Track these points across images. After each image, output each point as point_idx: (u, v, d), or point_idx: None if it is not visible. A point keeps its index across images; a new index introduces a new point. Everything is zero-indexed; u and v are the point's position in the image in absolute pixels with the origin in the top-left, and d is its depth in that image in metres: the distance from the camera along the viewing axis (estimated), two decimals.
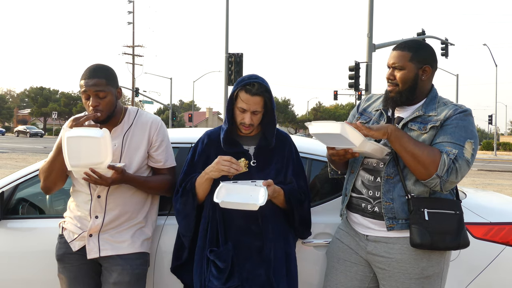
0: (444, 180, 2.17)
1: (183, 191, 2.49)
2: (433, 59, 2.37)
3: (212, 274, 2.38)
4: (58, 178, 2.57)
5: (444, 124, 2.26)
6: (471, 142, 2.22)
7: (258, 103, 2.44)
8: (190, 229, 2.51)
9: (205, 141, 2.60)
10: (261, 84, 2.43)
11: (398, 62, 2.32)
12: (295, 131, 72.78)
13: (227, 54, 19.75)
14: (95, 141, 2.31)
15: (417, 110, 2.34)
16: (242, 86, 2.43)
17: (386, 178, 2.32)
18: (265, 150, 2.54)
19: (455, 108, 2.30)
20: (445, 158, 2.16)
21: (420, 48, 2.35)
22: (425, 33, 21.44)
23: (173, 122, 41.58)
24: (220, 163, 2.35)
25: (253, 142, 2.56)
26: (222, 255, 2.39)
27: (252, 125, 2.48)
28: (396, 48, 2.37)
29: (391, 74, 2.35)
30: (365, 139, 2.17)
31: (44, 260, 2.75)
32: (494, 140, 42.16)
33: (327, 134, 2.18)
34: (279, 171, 2.53)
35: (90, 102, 2.47)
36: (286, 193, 2.45)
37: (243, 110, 2.45)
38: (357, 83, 19.07)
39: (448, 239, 2.21)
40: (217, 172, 2.37)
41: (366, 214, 2.38)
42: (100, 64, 2.56)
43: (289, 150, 2.60)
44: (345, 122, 2.16)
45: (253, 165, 2.50)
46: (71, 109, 64.75)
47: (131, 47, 50.73)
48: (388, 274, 2.31)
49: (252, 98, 2.42)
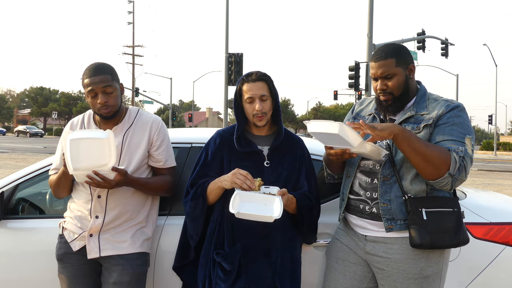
0: (455, 179, 2.16)
1: (194, 195, 2.46)
2: (411, 56, 2.38)
3: (219, 277, 2.36)
4: (69, 187, 2.62)
5: (440, 122, 2.26)
6: (470, 138, 2.23)
7: (262, 87, 2.46)
8: (198, 231, 2.50)
9: (217, 141, 2.57)
10: (258, 72, 2.50)
11: (387, 71, 2.30)
12: (295, 131, 72.75)
13: (227, 54, 19.74)
14: (100, 143, 2.30)
15: (409, 110, 2.34)
16: (242, 80, 2.50)
17: (382, 180, 2.32)
18: (278, 151, 2.53)
19: (447, 104, 2.30)
20: (455, 156, 2.15)
21: (400, 50, 2.34)
22: (425, 33, 21.43)
23: (173, 122, 41.57)
24: (235, 175, 2.33)
25: (267, 142, 2.55)
26: (229, 257, 2.37)
27: (265, 114, 2.47)
28: (377, 59, 2.32)
29: (384, 85, 2.32)
30: (363, 140, 2.16)
31: (44, 260, 2.75)
32: (494, 140, 42.15)
33: (325, 134, 2.18)
34: (291, 172, 2.52)
35: (99, 100, 2.48)
36: (298, 201, 2.44)
37: (251, 100, 2.46)
38: (357, 83, 19.08)
39: (447, 237, 2.21)
40: (229, 183, 2.35)
41: (364, 215, 2.38)
42: (101, 62, 2.57)
43: (302, 154, 2.59)
44: (343, 122, 2.16)
45: (267, 165, 2.49)
46: (71, 109, 64.75)
47: (131, 47, 50.74)
48: (386, 274, 2.31)
49: (255, 84, 2.46)
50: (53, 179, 2.59)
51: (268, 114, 2.50)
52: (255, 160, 2.49)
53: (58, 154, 2.60)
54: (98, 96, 2.48)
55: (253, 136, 2.56)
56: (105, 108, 2.49)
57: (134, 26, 50.35)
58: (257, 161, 2.49)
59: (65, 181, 2.54)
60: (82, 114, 2.72)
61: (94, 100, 2.50)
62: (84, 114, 2.70)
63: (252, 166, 2.46)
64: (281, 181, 2.47)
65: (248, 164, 2.46)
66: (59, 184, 2.56)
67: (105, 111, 2.50)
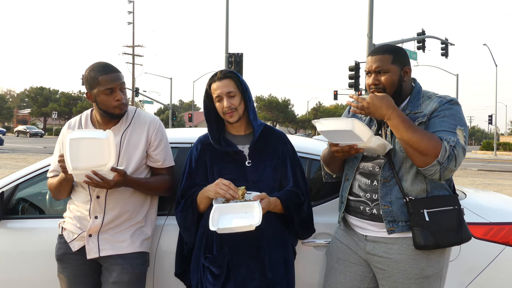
0: (444, 167, 2.15)
1: (184, 206, 2.48)
2: (409, 59, 2.39)
3: (209, 281, 2.37)
4: (69, 190, 2.62)
5: (432, 116, 2.26)
6: (461, 129, 2.22)
7: (228, 84, 2.49)
8: (191, 239, 2.51)
9: (199, 147, 2.58)
10: (223, 70, 2.53)
11: (381, 66, 2.30)
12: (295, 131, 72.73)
13: (227, 54, 19.74)
14: (99, 143, 2.30)
15: (403, 109, 2.34)
16: (209, 80, 2.55)
17: (382, 182, 2.31)
18: (259, 149, 2.53)
19: (440, 100, 2.30)
20: (446, 145, 2.14)
21: (398, 50, 2.35)
22: (425, 33, 21.42)
23: (173, 122, 41.57)
24: (218, 185, 2.34)
25: (247, 142, 2.55)
26: (216, 260, 2.37)
27: (235, 109, 2.48)
28: (374, 53, 2.34)
29: (376, 79, 2.32)
30: (372, 134, 2.18)
31: (44, 260, 2.75)
32: (494, 140, 42.14)
33: (336, 131, 2.19)
34: (275, 168, 2.52)
35: (117, 97, 2.49)
36: (283, 201, 2.43)
37: (219, 98, 2.49)
38: (357, 83, 19.08)
39: (450, 235, 2.22)
40: (213, 193, 2.36)
41: (364, 216, 2.37)
42: (106, 61, 2.58)
43: (284, 148, 2.58)
44: (354, 118, 2.17)
45: (248, 165, 2.49)
46: (71, 109, 64.72)
47: (131, 47, 50.74)
48: (387, 274, 2.31)
49: (221, 82, 2.49)
50: (53, 182, 2.59)
51: (239, 110, 2.50)
52: (236, 161, 2.50)
53: (56, 156, 2.60)
54: (115, 93, 2.49)
55: (232, 137, 2.57)
56: (122, 105, 2.51)
57: (134, 26, 50.37)
58: (238, 161, 2.49)
59: (66, 185, 2.55)
60: (79, 115, 2.71)
61: (110, 97, 2.49)
62: (81, 115, 2.70)
63: (234, 167, 2.47)
64: (265, 179, 2.47)
65: (230, 166, 2.48)
66: (59, 188, 2.57)
67: (122, 108, 2.52)
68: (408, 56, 2.41)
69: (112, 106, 2.50)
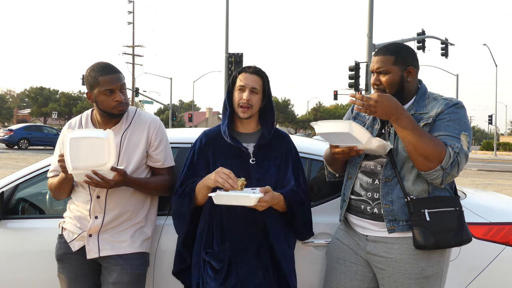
0: (447, 173, 2.15)
1: (181, 194, 2.48)
2: (415, 59, 2.38)
3: (209, 276, 2.37)
4: (70, 190, 2.62)
5: (437, 119, 2.26)
6: (466, 135, 2.22)
7: (256, 81, 2.50)
8: (182, 229, 2.51)
9: (203, 141, 2.59)
10: (257, 67, 2.54)
11: (382, 67, 2.31)
12: (295, 131, 72.76)
13: (227, 54, 19.74)
14: (99, 142, 2.30)
15: (408, 110, 2.34)
16: (240, 70, 2.54)
17: (384, 181, 2.32)
18: (264, 148, 2.54)
19: (446, 102, 2.30)
20: (450, 151, 2.14)
21: (401, 50, 2.35)
22: (425, 33, 21.43)
23: (173, 122, 41.56)
24: (218, 173, 2.32)
25: (252, 140, 2.55)
26: (218, 255, 2.38)
27: (251, 106, 2.48)
28: (378, 53, 2.36)
29: (377, 80, 2.34)
30: (371, 136, 2.18)
31: (44, 260, 2.75)
32: (494, 140, 42.14)
33: (334, 133, 2.20)
34: (278, 168, 2.53)
35: (117, 97, 2.49)
36: (286, 197, 2.43)
37: (242, 88, 2.49)
38: (357, 83, 19.07)
39: (450, 236, 2.22)
40: (212, 181, 2.34)
41: (365, 215, 2.38)
42: (106, 61, 2.58)
43: (288, 149, 2.59)
44: (352, 121, 2.18)
45: (253, 163, 2.50)
46: (71, 109, 64.76)
47: (131, 47, 50.70)
48: (387, 274, 2.31)
49: (251, 76, 2.50)
50: (54, 182, 2.59)
51: (254, 109, 2.51)
52: (241, 158, 2.50)
53: (56, 156, 2.60)
54: (115, 94, 2.49)
55: (238, 134, 2.57)
56: (122, 105, 2.51)
57: (134, 26, 50.32)
58: (243, 159, 2.50)
59: (66, 184, 2.55)
60: (80, 115, 2.72)
61: (109, 97, 2.49)
62: (82, 115, 2.70)
63: (238, 164, 2.47)
64: (268, 178, 2.47)
65: (233, 162, 2.47)
66: (60, 188, 2.57)
67: (121, 108, 2.52)
68: (416, 55, 2.40)
69: (111, 106, 2.50)
